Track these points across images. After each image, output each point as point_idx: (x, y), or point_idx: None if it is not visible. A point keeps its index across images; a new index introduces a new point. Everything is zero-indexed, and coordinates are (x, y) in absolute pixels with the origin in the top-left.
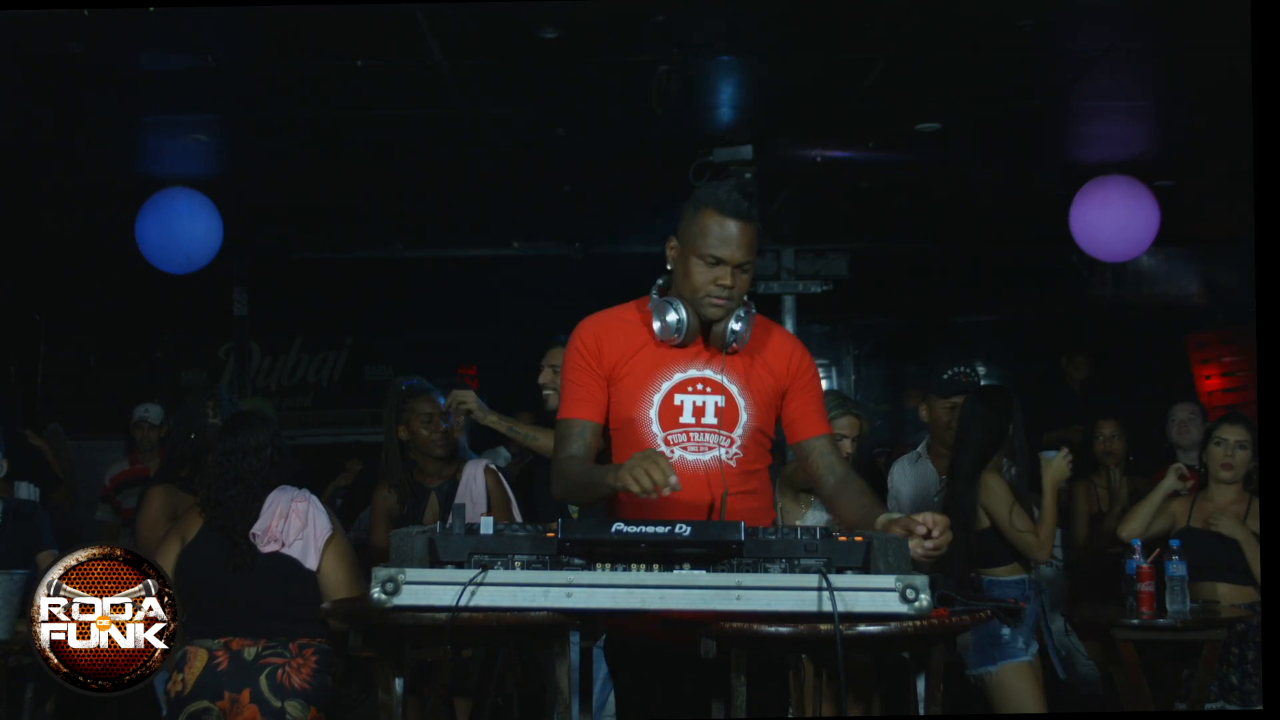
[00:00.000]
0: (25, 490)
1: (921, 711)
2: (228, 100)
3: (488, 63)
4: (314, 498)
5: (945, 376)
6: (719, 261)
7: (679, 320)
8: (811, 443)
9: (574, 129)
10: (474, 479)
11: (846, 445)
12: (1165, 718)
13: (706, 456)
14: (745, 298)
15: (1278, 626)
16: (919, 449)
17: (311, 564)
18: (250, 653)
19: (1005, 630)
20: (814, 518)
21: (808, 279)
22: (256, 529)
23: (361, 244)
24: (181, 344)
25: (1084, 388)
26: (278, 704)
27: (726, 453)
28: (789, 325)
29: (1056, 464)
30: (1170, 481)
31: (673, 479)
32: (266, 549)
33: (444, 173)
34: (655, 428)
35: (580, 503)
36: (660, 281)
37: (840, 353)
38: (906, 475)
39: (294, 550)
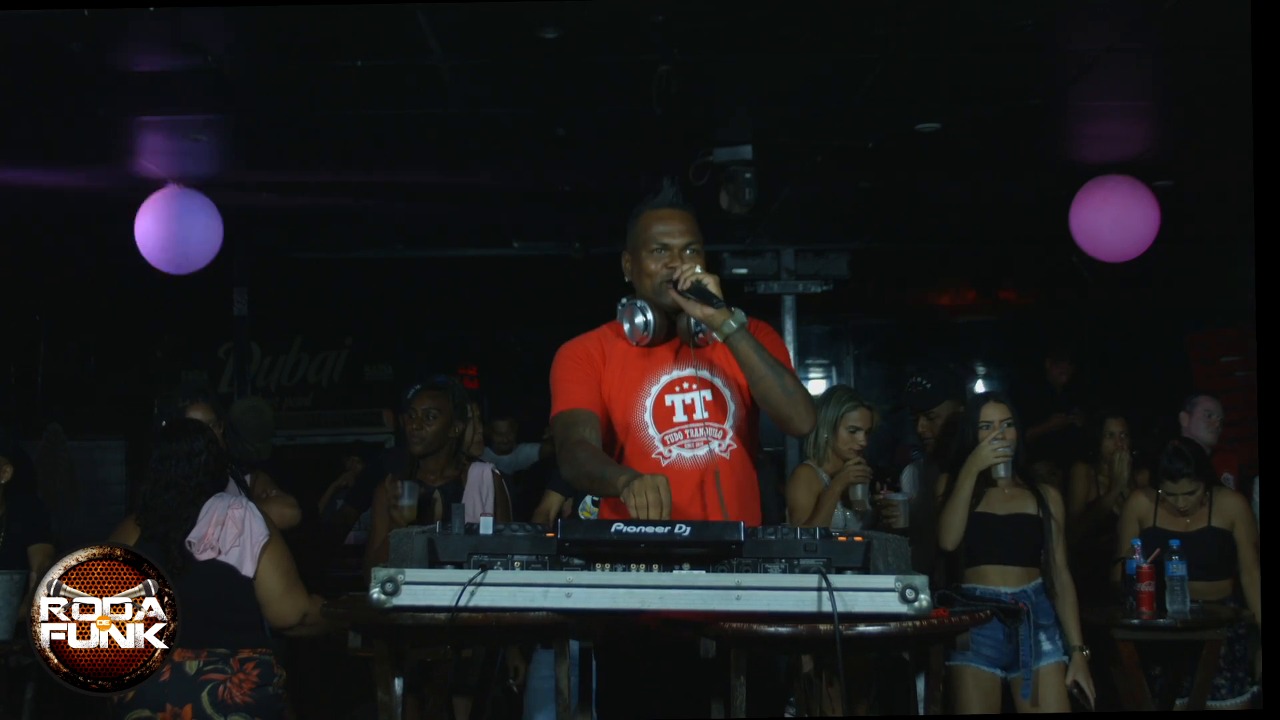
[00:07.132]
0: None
1: (921, 711)
2: (228, 100)
3: (488, 63)
4: (251, 505)
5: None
6: (664, 247)
7: (645, 321)
8: None
9: (574, 129)
10: (482, 479)
11: (860, 438)
12: (1165, 718)
13: (702, 451)
14: None
15: (1278, 626)
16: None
17: (248, 571)
18: (192, 667)
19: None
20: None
21: (808, 279)
22: (193, 536)
23: (361, 244)
24: (181, 344)
25: (1066, 390)
26: (221, 719)
27: (720, 445)
28: (789, 325)
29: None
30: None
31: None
32: (203, 556)
33: (444, 173)
34: (652, 430)
35: (587, 492)
36: (624, 301)
37: (840, 353)
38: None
39: (230, 557)
